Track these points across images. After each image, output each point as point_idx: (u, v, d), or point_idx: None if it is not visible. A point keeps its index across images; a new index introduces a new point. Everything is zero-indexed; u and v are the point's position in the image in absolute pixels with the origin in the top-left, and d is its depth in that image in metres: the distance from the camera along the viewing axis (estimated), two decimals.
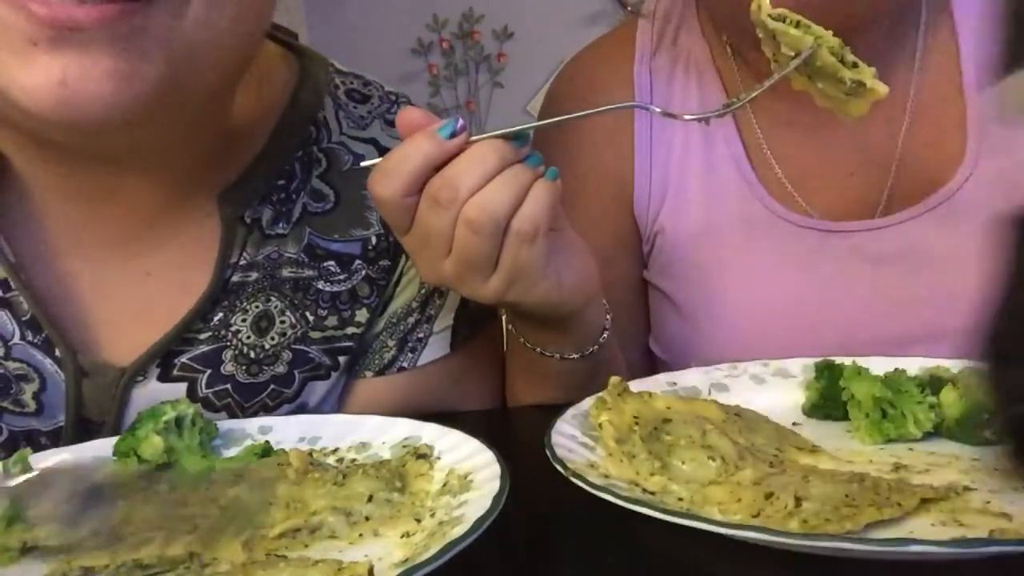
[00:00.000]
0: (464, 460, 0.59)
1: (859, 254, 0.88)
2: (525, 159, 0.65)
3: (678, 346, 0.95)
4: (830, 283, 0.89)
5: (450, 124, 0.63)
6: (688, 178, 0.94)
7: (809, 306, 0.89)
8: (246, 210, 0.76)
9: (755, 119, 0.93)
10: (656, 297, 0.98)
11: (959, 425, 0.64)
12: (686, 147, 0.94)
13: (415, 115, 0.65)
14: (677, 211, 0.94)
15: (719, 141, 0.93)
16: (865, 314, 0.87)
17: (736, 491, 0.56)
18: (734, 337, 0.90)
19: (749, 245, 0.91)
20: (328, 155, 0.80)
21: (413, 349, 0.83)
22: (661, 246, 0.96)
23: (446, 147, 0.63)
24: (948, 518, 0.51)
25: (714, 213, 0.93)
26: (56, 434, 0.74)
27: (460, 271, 0.66)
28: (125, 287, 0.74)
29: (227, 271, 0.75)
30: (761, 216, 0.91)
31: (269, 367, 0.78)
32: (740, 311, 0.91)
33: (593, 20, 4.21)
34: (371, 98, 0.85)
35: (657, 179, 0.94)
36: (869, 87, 0.65)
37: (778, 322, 0.89)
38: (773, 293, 0.90)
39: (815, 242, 0.89)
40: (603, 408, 0.63)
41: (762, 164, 0.92)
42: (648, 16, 0.99)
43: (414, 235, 0.66)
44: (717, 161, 0.93)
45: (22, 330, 0.72)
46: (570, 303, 0.72)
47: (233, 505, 0.57)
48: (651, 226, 0.96)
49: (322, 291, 0.79)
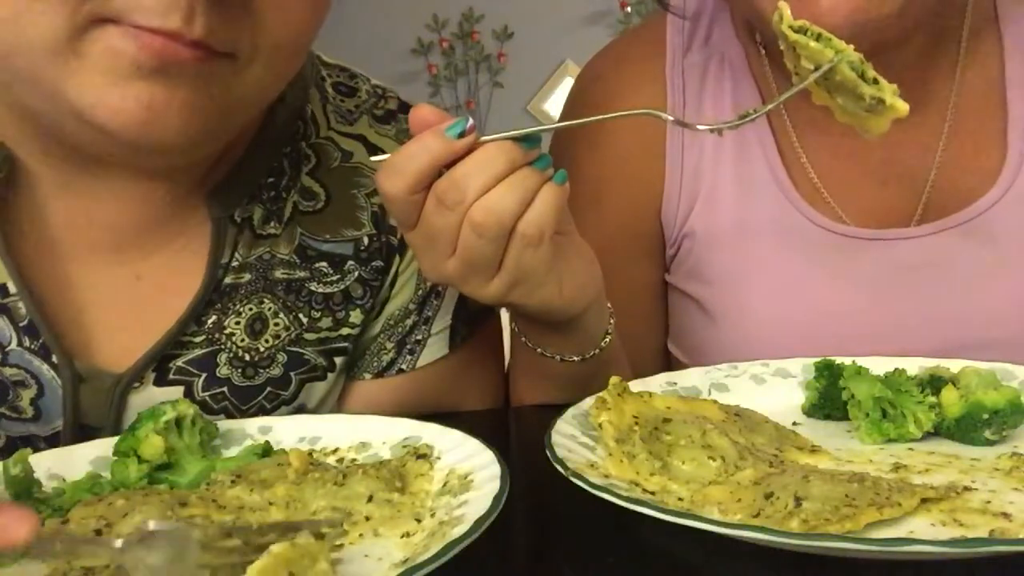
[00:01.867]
0: (464, 460, 0.59)
1: (893, 264, 0.87)
2: (534, 161, 0.65)
3: (704, 349, 0.93)
4: (863, 291, 0.88)
5: (460, 123, 0.63)
6: (721, 181, 0.92)
7: (840, 314, 0.88)
8: (236, 208, 0.76)
9: (790, 123, 0.91)
10: (680, 300, 0.97)
11: (959, 425, 0.64)
12: (719, 150, 0.92)
13: (427, 112, 0.64)
14: (708, 214, 0.92)
15: (754, 144, 0.92)
16: (898, 325, 0.86)
17: (736, 491, 0.56)
18: (763, 342, 0.89)
19: (781, 250, 0.90)
20: (317, 151, 0.80)
21: (412, 351, 0.83)
22: (689, 249, 0.94)
23: (454, 147, 0.63)
24: (948, 518, 0.51)
25: (747, 217, 0.91)
26: (54, 440, 0.73)
27: (463, 271, 0.66)
28: (116, 292, 0.74)
29: (219, 271, 0.75)
30: (795, 221, 0.89)
31: (264, 369, 0.77)
32: (770, 316, 0.90)
33: (593, 20, 4.21)
34: (358, 91, 0.85)
35: (688, 181, 0.93)
36: (889, 104, 0.64)
37: (808, 329, 0.88)
38: (805, 299, 0.89)
39: (849, 249, 0.88)
40: (603, 408, 0.63)
41: (797, 169, 0.91)
42: (678, 12, 0.96)
43: (419, 232, 0.66)
44: (751, 164, 0.91)
45: (19, 336, 0.71)
46: (570, 309, 0.72)
47: (233, 505, 0.57)
48: (679, 229, 0.94)
49: (315, 292, 0.79)
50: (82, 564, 0.51)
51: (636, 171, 0.94)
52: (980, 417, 0.62)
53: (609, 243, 0.92)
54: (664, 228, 0.95)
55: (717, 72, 0.94)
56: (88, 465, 0.64)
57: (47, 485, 0.60)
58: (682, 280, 0.96)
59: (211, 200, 0.74)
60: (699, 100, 0.93)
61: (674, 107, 0.92)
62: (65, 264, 0.73)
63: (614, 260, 0.93)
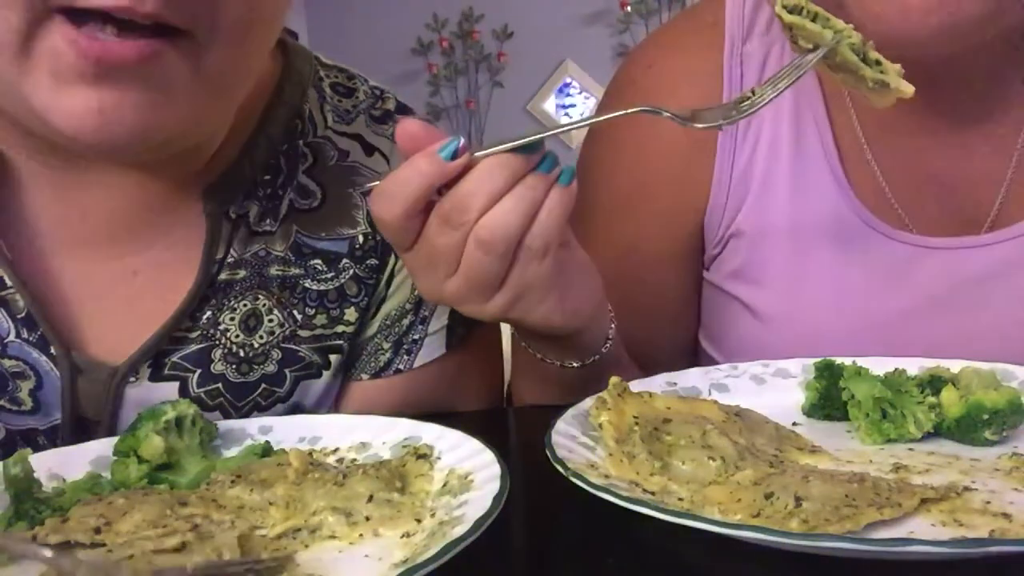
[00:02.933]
0: (464, 460, 0.59)
1: (959, 273, 0.84)
2: (539, 164, 0.63)
3: (748, 350, 0.89)
4: (924, 300, 0.85)
5: (452, 144, 0.62)
6: (775, 180, 0.88)
7: (898, 323, 0.85)
8: (231, 205, 0.76)
9: (858, 122, 0.87)
10: (721, 299, 0.94)
11: (959, 425, 0.64)
12: (775, 147, 0.88)
13: (414, 128, 0.63)
14: (760, 213, 0.89)
15: (813, 143, 0.87)
16: (959, 336, 0.83)
17: (736, 491, 0.56)
18: (814, 347, 0.83)
19: (838, 253, 0.87)
20: (314, 150, 0.80)
21: (409, 351, 0.83)
22: (736, 249, 0.91)
23: (448, 168, 0.62)
24: (948, 518, 0.51)
25: (802, 218, 0.88)
26: (53, 432, 0.74)
27: (465, 290, 0.65)
28: (112, 286, 0.74)
29: (213, 267, 0.75)
30: (853, 224, 0.86)
31: (259, 366, 0.78)
32: (825, 320, 0.87)
33: (593, 20, 4.21)
34: (356, 92, 0.85)
35: (738, 180, 0.89)
36: (893, 87, 0.62)
37: (864, 335, 0.85)
38: (861, 305, 0.86)
39: (909, 255, 0.85)
40: (603, 408, 0.63)
41: (861, 170, 0.87)
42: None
43: (418, 253, 0.65)
44: (808, 164, 0.87)
45: (18, 327, 0.72)
46: (571, 323, 0.72)
47: (233, 505, 0.57)
48: (725, 229, 0.91)
49: (309, 289, 0.79)
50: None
51: (683, 170, 0.90)
52: (980, 417, 0.62)
53: (645, 244, 0.90)
54: (707, 228, 0.92)
55: (776, 63, 0.88)
56: (88, 465, 0.64)
57: (47, 485, 0.60)
58: (726, 280, 0.93)
59: (207, 196, 0.74)
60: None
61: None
62: (60, 258, 0.73)
63: (648, 261, 0.93)
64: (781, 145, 0.88)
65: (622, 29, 4.20)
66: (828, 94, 0.88)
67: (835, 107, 0.88)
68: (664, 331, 0.94)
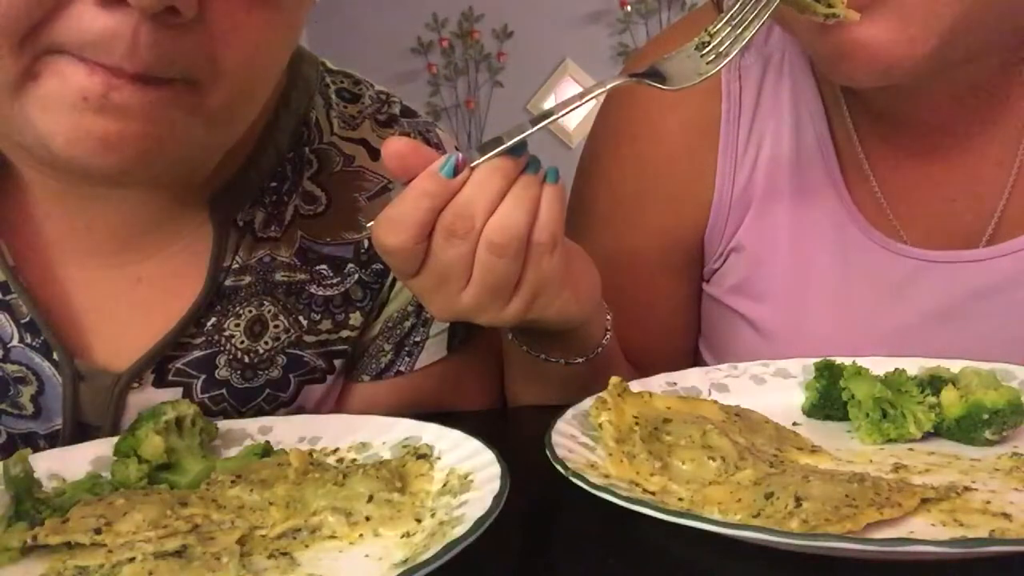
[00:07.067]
0: (464, 460, 0.59)
1: (958, 287, 0.84)
2: (525, 168, 0.64)
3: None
4: (925, 314, 0.84)
5: (450, 161, 0.61)
6: (776, 196, 0.88)
7: (899, 337, 0.84)
8: (238, 213, 0.76)
9: (857, 137, 0.87)
10: (722, 313, 0.93)
11: (959, 425, 0.64)
12: (775, 164, 0.88)
13: (401, 146, 0.63)
14: (761, 229, 0.89)
15: (814, 159, 0.87)
16: (960, 349, 0.81)
17: (736, 491, 0.56)
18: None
19: (839, 268, 0.86)
20: (319, 156, 0.80)
21: (410, 353, 0.83)
22: (736, 263, 0.91)
23: (451, 186, 0.61)
24: (948, 518, 0.51)
25: (803, 233, 0.87)
26: (54, 437, 0.74)
27: (481, 299, 0.64)
28: (117, 294, 0.74)
29: (220, 275, 0.75)
30: (854, 239, 0.86)
31: (264, 371, 0.77)
32: (826, 335, 0.86)
33: (593, 19, 4.21)
34: (361, 97, 0.85)
35: (738, 198, 0.89)
36: (843, 16, 0.64)
37: (865, 350, 0.82)
38: (862, 319, 0.86)
39: (910, 270, 0.85)
40: (603, 408, 0.63)
41: (859, 185, 0.87)
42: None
43: (427, 275, 0.64)
44: (810, 178, 0.87)
45: (20, 333, 0.72)
46: (585, 310, 0.72)
47: (233, 505, 0.57)
48: (725, 242, 0.90)
49: (315, 295, 0.79)
50: (76, 563, 0.51)
51: (684, 184, 0.90)
52: (980, 417, 0.62)
53: (643, 254, 0.90)
54: (707, 243, 0.92)
55: (775, 76, 0.89)
56: (88, 465, 0.64)
57: (47, 485, 0.60)
58: (727, 294, 0.92)
59: (213, 204, 0.74)
60: (754, 107, 0.89)
61: (728, 118, 0.88)
62: (65, 267, 0.73)
63: (646, 271, 0.92)
64: (782, 161, 0.88)
65: (622, 29, 4.20)
66: (829, 110, 0.88)
67: (835, 123, 0.88)
68: (662, 340, 0.94)
